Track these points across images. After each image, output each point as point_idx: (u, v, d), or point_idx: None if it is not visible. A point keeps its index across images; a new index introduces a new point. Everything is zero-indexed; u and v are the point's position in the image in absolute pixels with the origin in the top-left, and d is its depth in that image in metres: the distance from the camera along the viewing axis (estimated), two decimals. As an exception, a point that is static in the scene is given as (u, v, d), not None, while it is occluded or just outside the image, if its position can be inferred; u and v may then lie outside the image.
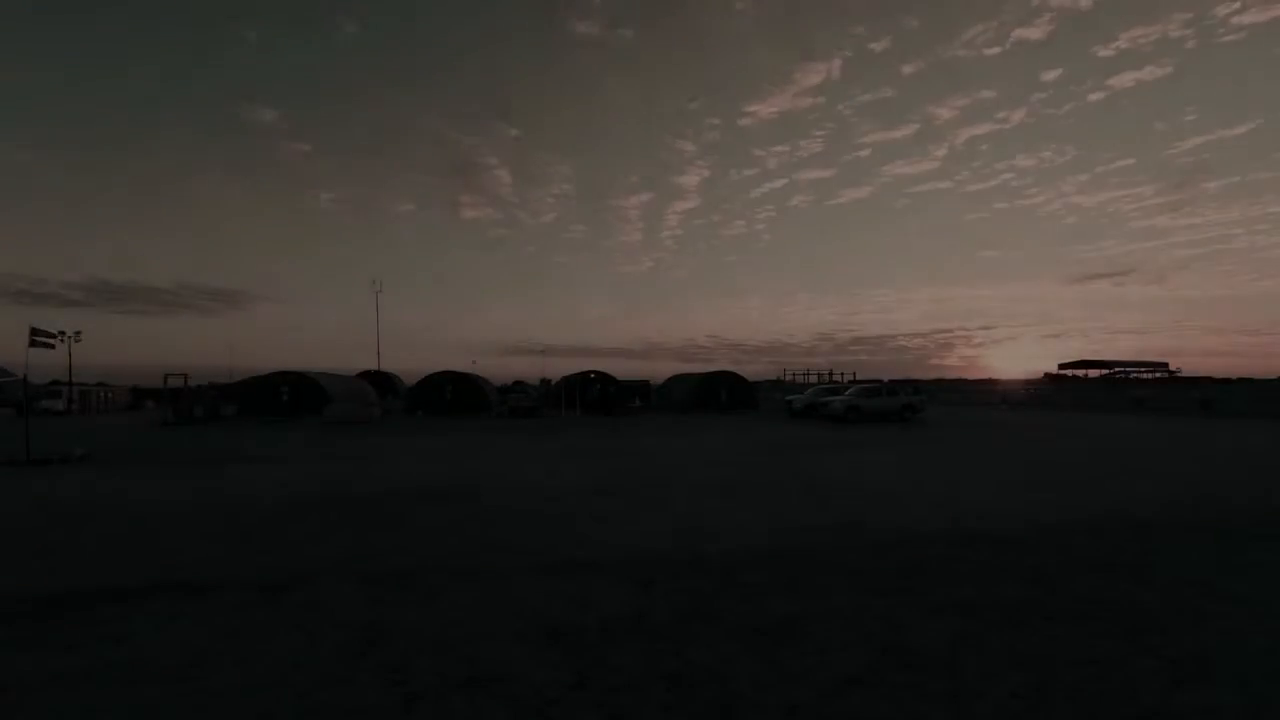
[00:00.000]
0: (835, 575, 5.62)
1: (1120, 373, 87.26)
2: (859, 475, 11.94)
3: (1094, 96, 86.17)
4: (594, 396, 39.70)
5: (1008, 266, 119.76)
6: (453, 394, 37.22)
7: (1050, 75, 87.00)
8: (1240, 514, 8.21)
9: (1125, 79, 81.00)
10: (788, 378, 55.38)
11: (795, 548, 6.61)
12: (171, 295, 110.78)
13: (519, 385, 62.92)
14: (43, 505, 9.47)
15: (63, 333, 34.11)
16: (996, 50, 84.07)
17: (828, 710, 3.27)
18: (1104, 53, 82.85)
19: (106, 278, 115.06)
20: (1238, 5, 69.02)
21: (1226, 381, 74.52)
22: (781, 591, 5.18)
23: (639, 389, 43.07)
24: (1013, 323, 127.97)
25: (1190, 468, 12.86)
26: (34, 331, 16.75)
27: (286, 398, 33.31)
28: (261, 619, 4.62)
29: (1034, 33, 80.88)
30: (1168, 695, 3.40)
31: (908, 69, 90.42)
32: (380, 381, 48.10)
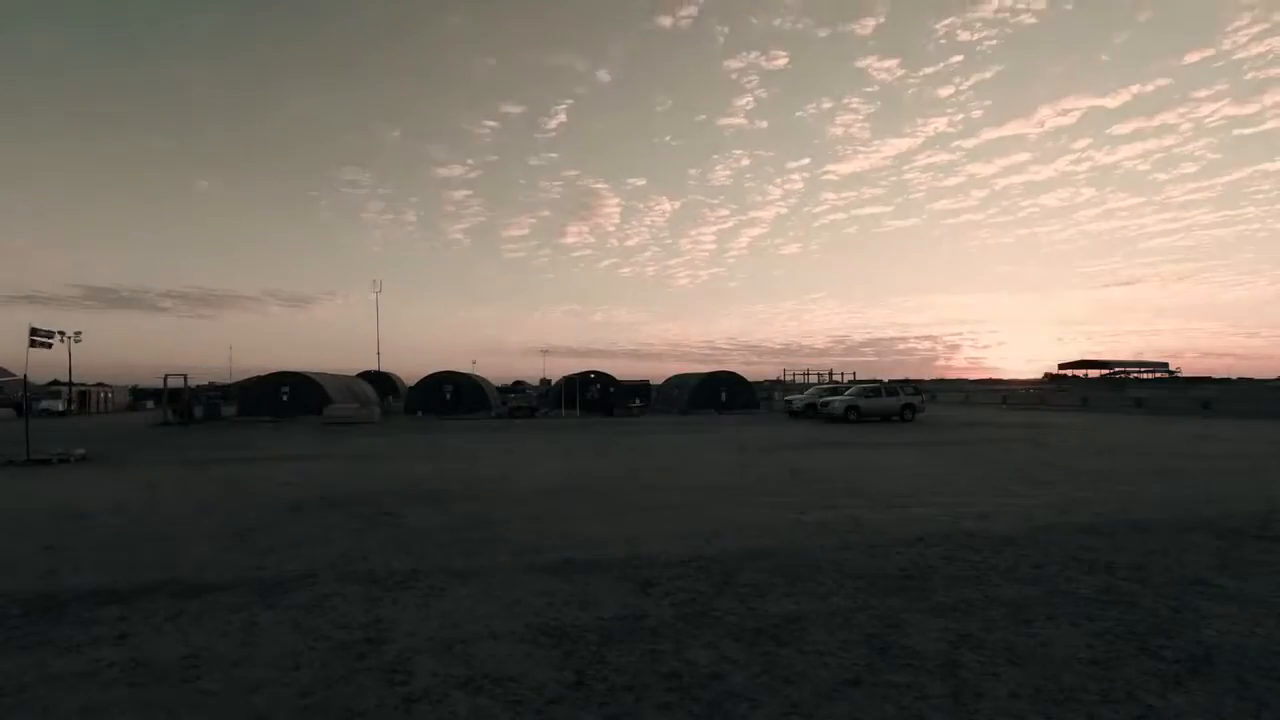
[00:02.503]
0: (835, 575, 5.62)
1: (1120, 373, 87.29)
2: (858, 475, 11.93)
3: (1108, 159, 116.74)
4: (594, 397, 39.67)
5: (1021, 277, 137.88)
6: (453, 394, 37.22)
7: (1076, 144, 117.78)
8: (1241, 513, 8.21)
9: (1135, 149, 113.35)
10: (788, 377, 55.29)
11: (795, 547, 6.61)
12: (253, 301, 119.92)
13: (519, 385, 62.98)
14: (43, 505, 9.47)
15: (62, 332, 34.08)
16: (1036, 131, 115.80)
17: (828, 710, 3.27)
18: (1119, 130, 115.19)
19: (200, 284, 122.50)
20: (1223, 103, 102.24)
21: (1226, 381, 74.71)
22: (781, 592, 5.18)
23: (639, 389, 43.05)
24: (1019, 325, 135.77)
25: (1189, 466, 12.86)
26: (34, 331, 16.73)
27: (286, 398, 33.29)
28: (261, 619, 4.62)
29: (1066, 120, 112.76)
30: (1167, 695, 3.40)
31: (967, 144, 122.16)
32: (380, 382, 48.07)
